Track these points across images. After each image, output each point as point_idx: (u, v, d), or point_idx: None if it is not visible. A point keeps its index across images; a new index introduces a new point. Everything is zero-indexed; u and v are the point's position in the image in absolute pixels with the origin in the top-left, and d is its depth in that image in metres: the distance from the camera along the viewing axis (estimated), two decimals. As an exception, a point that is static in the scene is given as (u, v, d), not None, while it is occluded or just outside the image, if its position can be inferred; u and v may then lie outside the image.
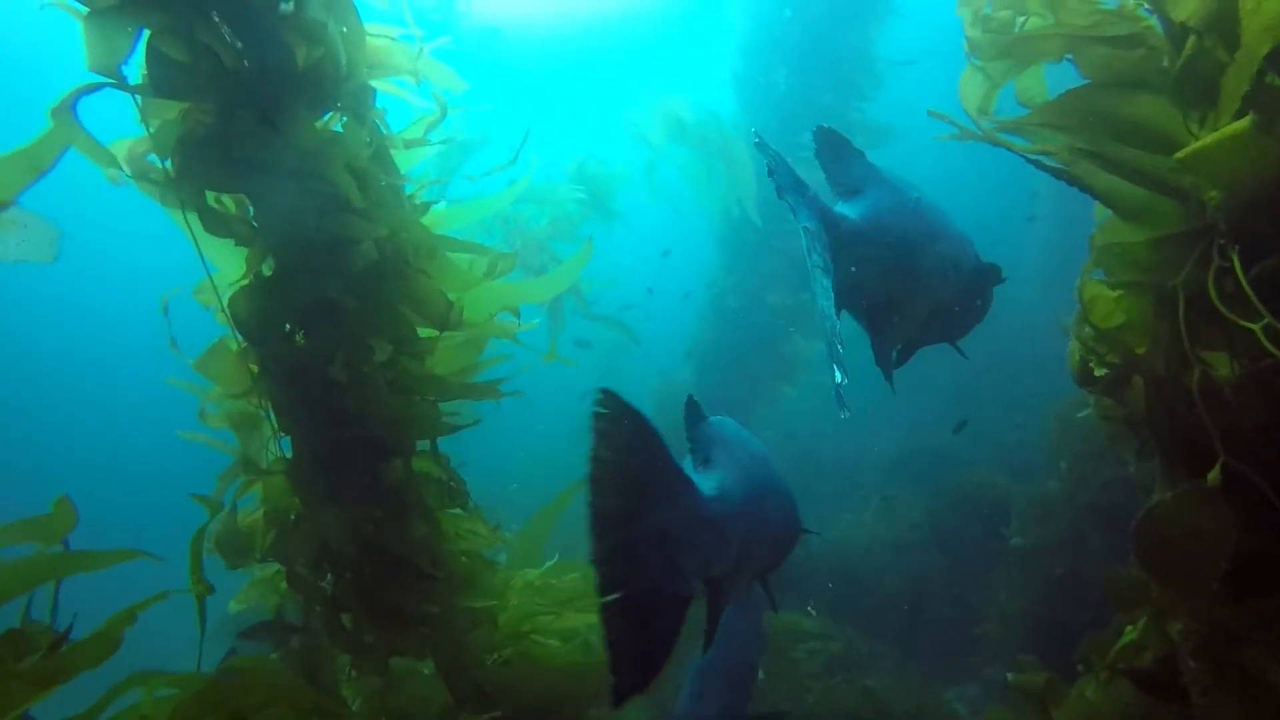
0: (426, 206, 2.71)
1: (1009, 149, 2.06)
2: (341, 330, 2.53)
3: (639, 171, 7.58)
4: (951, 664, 6.66)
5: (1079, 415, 6.68)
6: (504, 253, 2.77)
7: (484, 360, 3.00)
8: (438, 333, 2.65)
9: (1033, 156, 2.02)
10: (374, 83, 2.83)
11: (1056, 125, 2.06)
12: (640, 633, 1.75)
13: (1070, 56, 2.11)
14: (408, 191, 2.73)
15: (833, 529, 8.27)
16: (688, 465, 2.16)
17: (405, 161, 2.85)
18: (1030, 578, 6.37)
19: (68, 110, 2.31)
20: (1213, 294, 1.69)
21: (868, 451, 11.13)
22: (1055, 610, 5.97)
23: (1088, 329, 2.05)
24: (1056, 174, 1.98)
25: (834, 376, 2.08)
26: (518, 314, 3.05)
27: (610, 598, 1.70)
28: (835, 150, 2.47)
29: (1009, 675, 2.65)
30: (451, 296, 2.69)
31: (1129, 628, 2.15)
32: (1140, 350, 1.96)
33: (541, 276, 3.03)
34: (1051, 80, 2.47)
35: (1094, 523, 6.10)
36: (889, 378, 2.56)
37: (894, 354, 2.60)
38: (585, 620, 3.37)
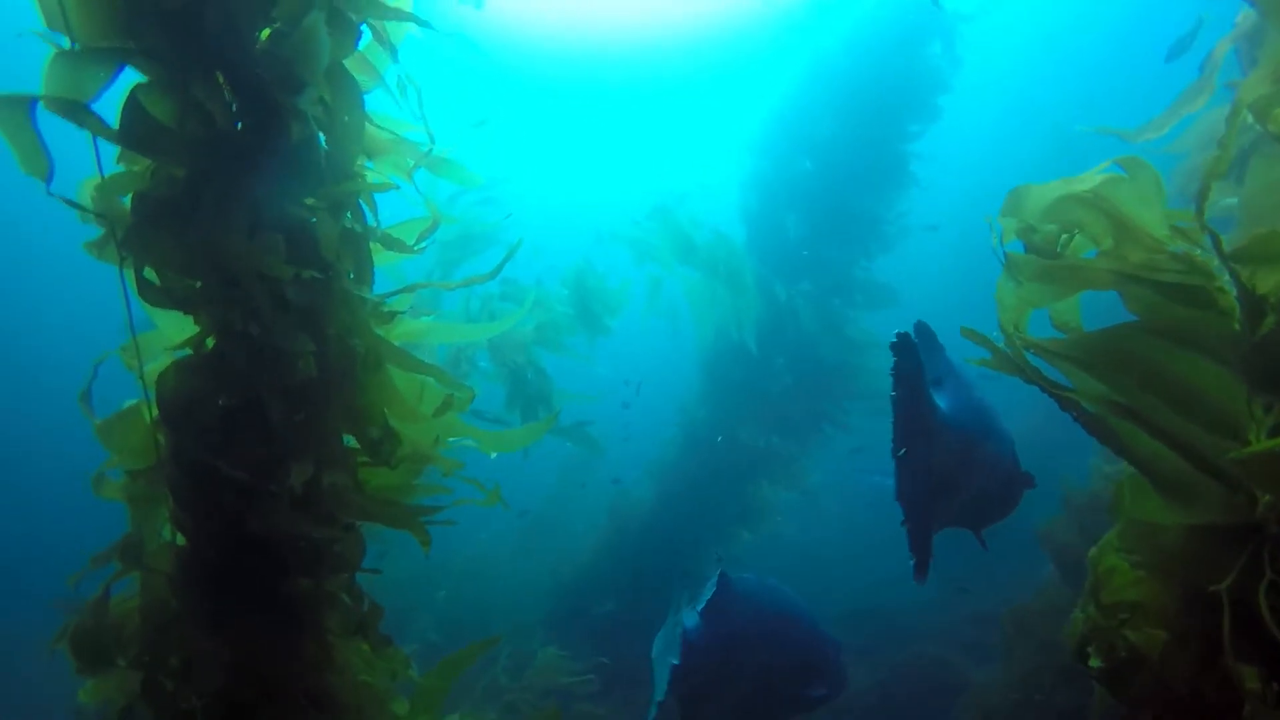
0: (392, 315, 2.46)
1: (1045, 389, 1.85)
2: (264, 438, 2.23)
3: (637, 285, 7.44)
4: None
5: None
6: (464, 386, 2.51)
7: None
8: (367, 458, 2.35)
9: (1066, 397, 1.81)
10: (371, 173, 2.65)
11: (1093, 366, 1.86)
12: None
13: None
14: (376, 293, 2.49)
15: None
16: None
17: (386, 260, 2.63)
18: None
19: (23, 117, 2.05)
20: (1264, 610, 1.44)
21: (822, 604, 10.72)
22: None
23: (1095, 609, 1.79)
24: (1091, 428, 1.76)
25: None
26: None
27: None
28: (927, 343, 2.93)
29: None
30: (394, 424, 2.42)
31: None
32: (1156, 643, 1.71)
33: (503, 430, 2.77)
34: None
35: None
36: (924, 564, 2.83)
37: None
38: None
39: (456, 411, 2.64)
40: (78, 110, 1.99)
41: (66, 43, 2.02)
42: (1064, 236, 2.15)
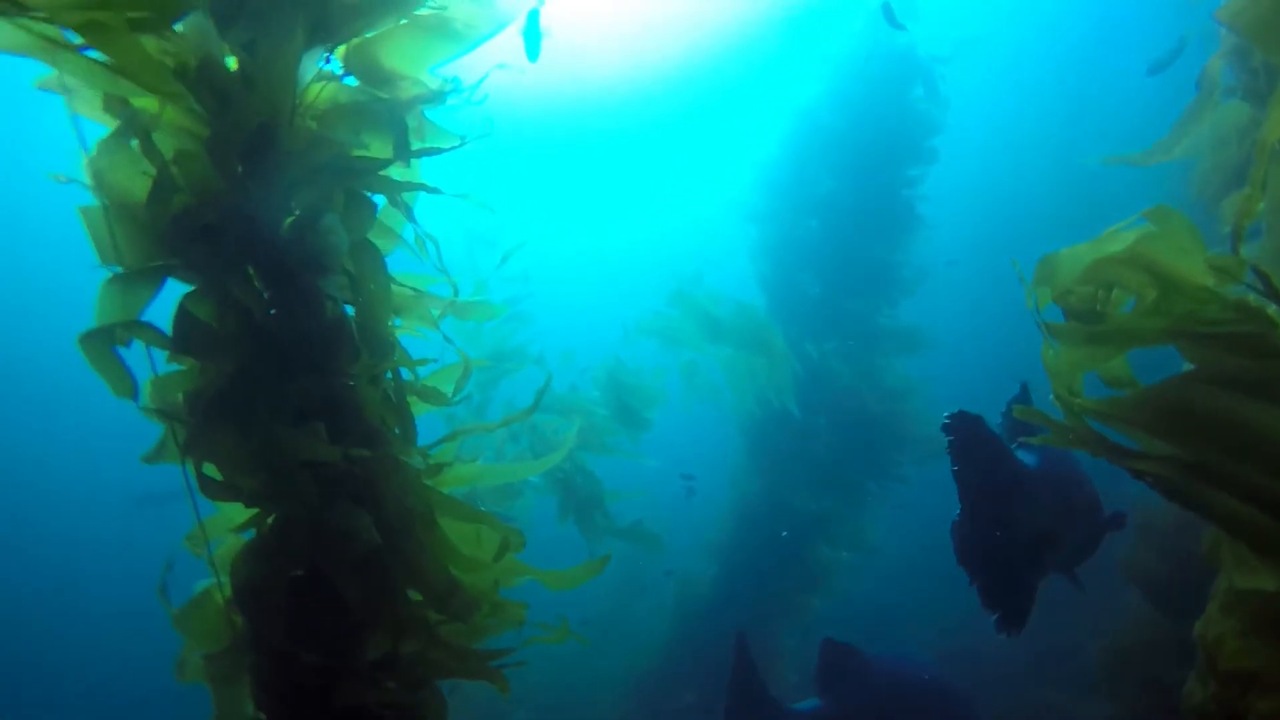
0: (439, 468, 2.49)
1: (1114, 460, 1.80)
2: (336, 612, 2.24)
3: (669, 373, 7.48)
4: None
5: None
6: (514, 530, 2.52)
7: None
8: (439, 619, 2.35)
9: (1138, 466, 1.76)
10: (399, 329, 2.71)
11: (1157, 427, 1.81)
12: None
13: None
14: (421, 444, 2.53)
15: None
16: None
17: (420, 409, 2.67)
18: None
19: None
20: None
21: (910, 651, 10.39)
22: None
23: (1214, 681, 1.71)
24: (1169, 493, 1.71)
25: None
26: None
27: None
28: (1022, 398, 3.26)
29: None
30: (457, 574, 2.42)
31: None
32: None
33: (564, 570, 2.77)
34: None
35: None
36: (1021, 615, 2.96)
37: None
38: None
39: (513, 553, 2.64)
40: (132, 328, 2.09)
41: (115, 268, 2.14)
42: (1100, 294, 2.14)
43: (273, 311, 2.40)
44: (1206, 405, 1.76)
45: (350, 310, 2.51)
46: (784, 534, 8.40)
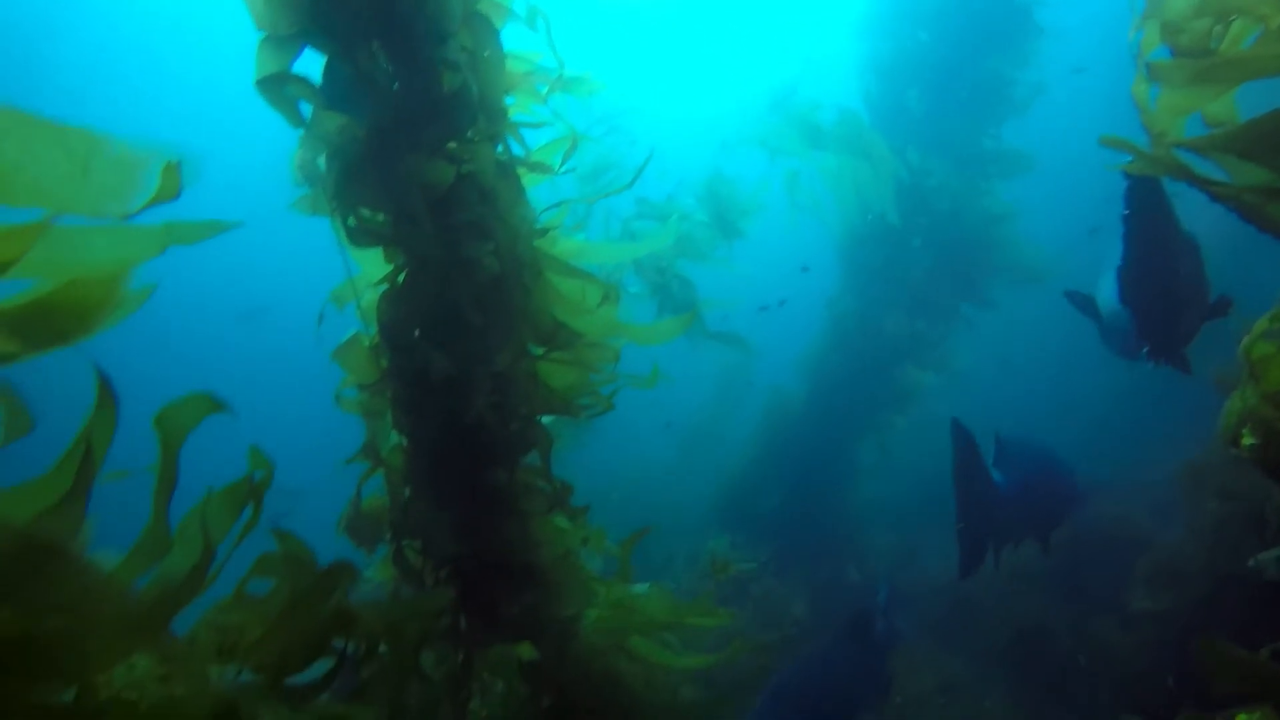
0: (545, 231, 2.82)
1: (1197, 185, 1.89)
2: (463, 342, 2.66)
3: (768, 185, 7.53)
4: (1064, 704, 6.33)
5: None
6: (613, 285, 2.85)
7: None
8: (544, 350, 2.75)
9: (1222, 190, 1.85)
10: (512, 105, 2.98)
11: (1257, 152, 1.83)
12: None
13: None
14: (533, 211, 2.85)
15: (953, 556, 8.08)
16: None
17: (532, 182, 2.98)
18: (1151, 640, 5.98)
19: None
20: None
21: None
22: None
23: (1254, 396, 1.90)
24: (1250, 216, 1.81)
25: None
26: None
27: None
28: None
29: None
30: (562, 319, 2.80)
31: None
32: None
33: (655, 322, 3.09)
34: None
35: (1235, 595, 5.67)
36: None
37: None
38: (669, 659, 3.41)
39: (611, 309, 3.00)
40: (285, 79, 2.43)
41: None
42: (1217, 29, 2.03)
43: (396, 83, 2.71)
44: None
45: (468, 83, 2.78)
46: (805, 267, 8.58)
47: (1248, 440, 2.05)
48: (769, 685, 4.09)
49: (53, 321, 1.54)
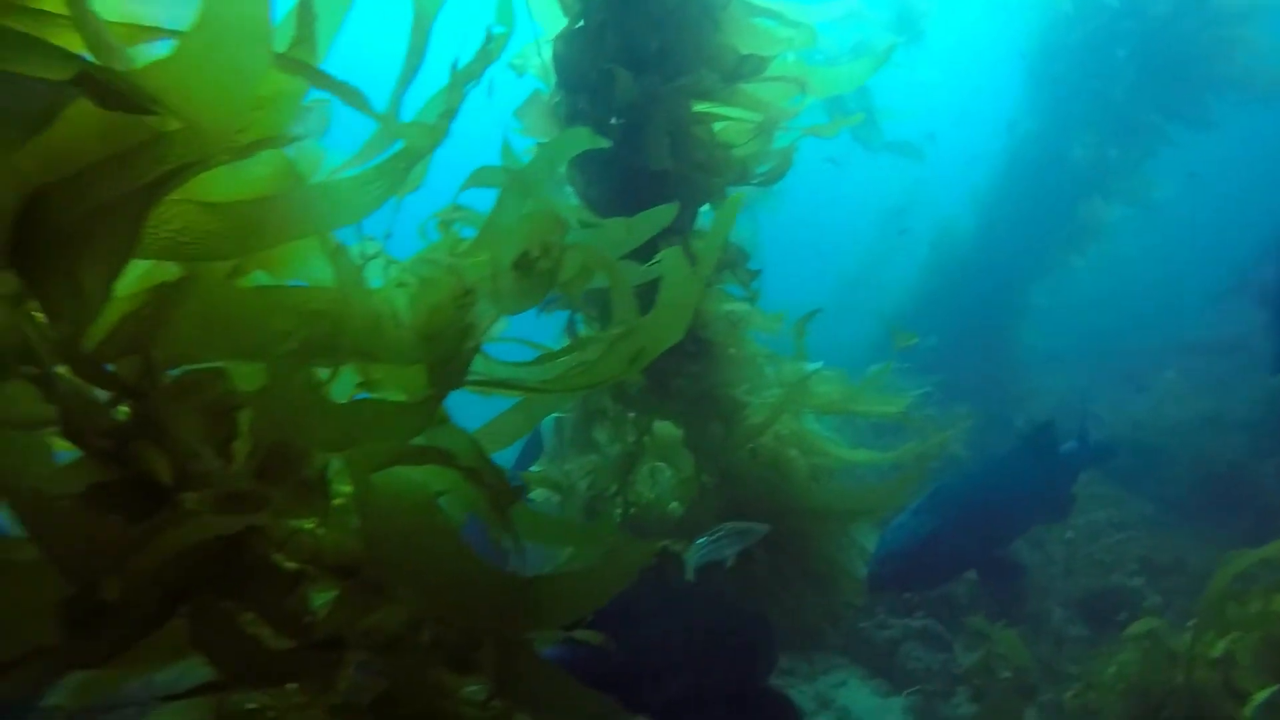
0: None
1: None
2: (642, 77, 2.55)
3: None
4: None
5: None
6: (804, 25, 2.62)
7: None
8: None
9: None
10: None
11: None
12: None
13: None
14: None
15: (1132, 406, 7.81)
16: None
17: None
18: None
19: None
20: None
21: (1167, 335, 9.91)
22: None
23: None
24: None
25: None
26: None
27: None
28: None
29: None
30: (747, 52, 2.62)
31: None
32: None
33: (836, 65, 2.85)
34: None
35: None
36: None
37: None
38: (838, 449, 3.35)
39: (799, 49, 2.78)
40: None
41: None
42: None
43: None
44: None
45: None
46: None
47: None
48: (937, 484, 3.98)
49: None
